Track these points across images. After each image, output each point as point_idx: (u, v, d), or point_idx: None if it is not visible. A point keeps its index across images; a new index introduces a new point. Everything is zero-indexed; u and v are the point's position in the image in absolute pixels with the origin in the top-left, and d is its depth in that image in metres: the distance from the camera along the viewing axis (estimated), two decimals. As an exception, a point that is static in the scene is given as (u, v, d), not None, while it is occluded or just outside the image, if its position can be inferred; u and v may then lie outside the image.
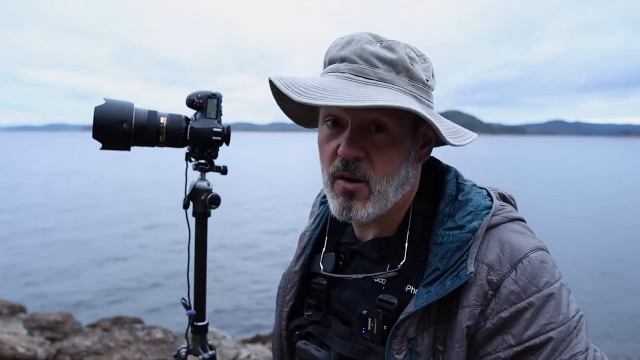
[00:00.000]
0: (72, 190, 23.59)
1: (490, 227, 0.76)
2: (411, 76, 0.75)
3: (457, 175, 0.86)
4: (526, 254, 0.72)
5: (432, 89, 0.81)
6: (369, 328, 0.79)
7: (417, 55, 0.78)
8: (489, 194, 0.84)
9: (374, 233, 0.87)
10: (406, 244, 0.82)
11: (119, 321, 5.76)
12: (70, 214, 16.57)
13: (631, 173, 43.70)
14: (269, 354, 4.76)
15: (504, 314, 0.68)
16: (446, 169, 0.88)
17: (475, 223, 0.75)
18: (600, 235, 14.35)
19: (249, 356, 4.33)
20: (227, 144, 1.43)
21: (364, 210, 0.77)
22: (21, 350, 3.92)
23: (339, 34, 0.83)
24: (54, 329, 5.09)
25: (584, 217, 17.37)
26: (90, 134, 1.22)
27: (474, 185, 0.86)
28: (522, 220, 0.82)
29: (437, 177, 0.87)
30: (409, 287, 0.79)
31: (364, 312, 0.80)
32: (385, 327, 0.77)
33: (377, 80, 0.74)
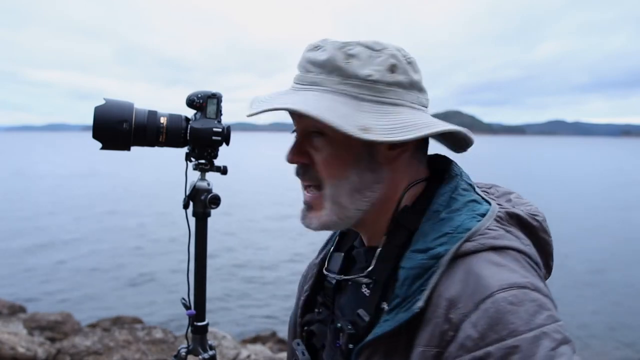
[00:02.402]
0: (72, 191, 23.60)
1: (462, 255, 0.65)
2: (344, 74, 0.71)
3: (456, 187, 0.75)
4: (492, 292, 0.59)
5: (385, 83, 0.72)
6: (341, 343, 0.75)
7: (366, 50, 0.72)
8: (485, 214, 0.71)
9: (366, 240, 0.84)
10: (376, 253, 0.76)
11: (119, 321, 5.76)
12: (70, 215, 16.58)
13: (631, 172, 43.70)
14: (269, 354, 4.77)
15: None
16: (449, 179, 0.77)
17: (441, 248, 0.66)
18: (601, 234, 14.36)
19: (249, 356, 4.34)
20: (227, 144, 1.43)
21: (317, 220, 0.77)
22: (21, 350, 3.92)
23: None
24: (54, 329, 5.09)
25: (583, 217, 17.37)
26: (91, 134, 1.22)
27: (472, 201, 0.73)
28: (514, 249, 0.67)
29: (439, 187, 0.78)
30: (384, 304, 0.71)
31: (338, 325, 0.76)
32: (351, 346, 0.72)
33: (309, 84, 0.73)
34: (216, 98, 1.40)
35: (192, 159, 1.44)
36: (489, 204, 0.75)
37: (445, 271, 0.64)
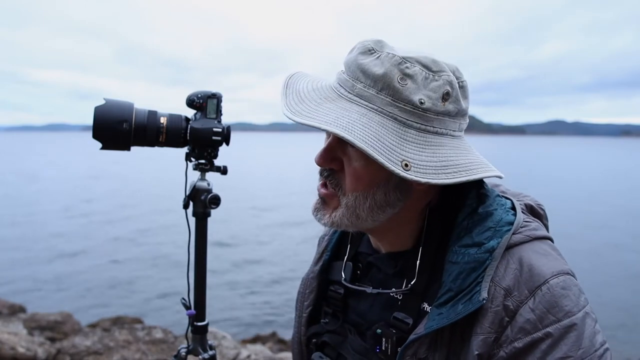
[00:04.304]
0: (71, 191, 23.60)
1: (511, 247, 0.71)
2: (395, 95, 0.67)
3: (480, 184, 0.78)
4: (546, 279, 0.66)
5: (434, 112, 0.69)
6: (383, 348, 0.76)
7: (423, 71, 0.68)
8: (513, 207, 0.77)
9: (385, 246, 0.84)
10: (418, 262, 0.77)
11: (119, 321, 5.76)
12: (70, 215, 16.58)
13: (631, 172, 43.73)
14: (269, 354, 4.76)
15: (518, 344, 0.64)
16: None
17: (493, 242, 0.70)
18: (601, 234, 14.36)
19: (249, 356, 4.33)
20: (227, 144, 1.43)
21: (329, 218, 0.76)
22: (21, 350, 3.92)
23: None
24: (54, 329, 5.09)
25: (583, 216, 17.37)
26: (91, 134, 1.22)
27: (498, 195, 0.79)
28: (548, 238, 0.76)
29: (461, 185, 0.79)
30: (424, 304, 0.75)
31: (378, 331, 0.77)
32: (399, 348, 0.73)
33: (354, 95, 0.69)
34: (216, 98, 1.40)
35: (192, 159, 1.44)
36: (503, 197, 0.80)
37: (498, 262, 0.69)
